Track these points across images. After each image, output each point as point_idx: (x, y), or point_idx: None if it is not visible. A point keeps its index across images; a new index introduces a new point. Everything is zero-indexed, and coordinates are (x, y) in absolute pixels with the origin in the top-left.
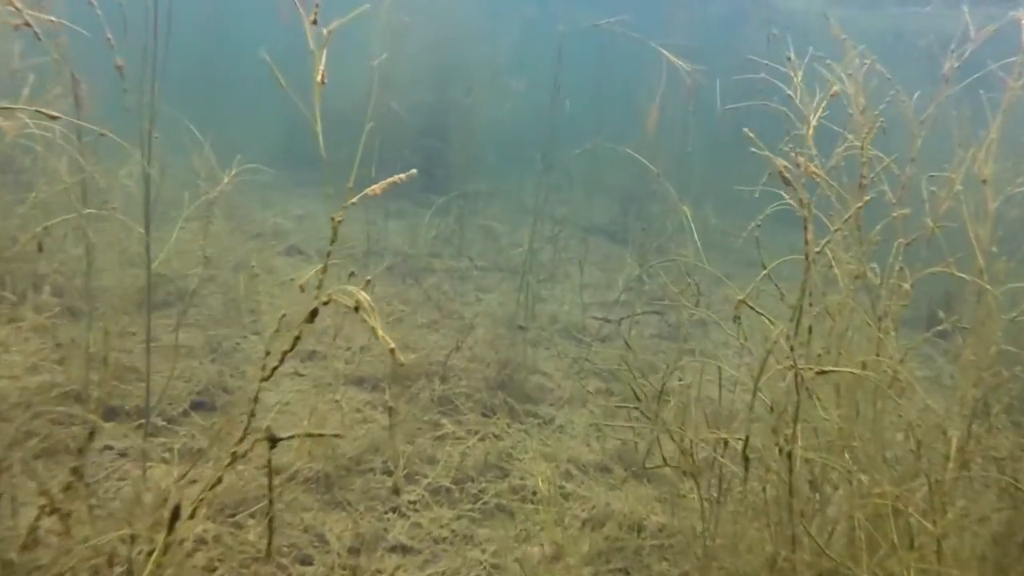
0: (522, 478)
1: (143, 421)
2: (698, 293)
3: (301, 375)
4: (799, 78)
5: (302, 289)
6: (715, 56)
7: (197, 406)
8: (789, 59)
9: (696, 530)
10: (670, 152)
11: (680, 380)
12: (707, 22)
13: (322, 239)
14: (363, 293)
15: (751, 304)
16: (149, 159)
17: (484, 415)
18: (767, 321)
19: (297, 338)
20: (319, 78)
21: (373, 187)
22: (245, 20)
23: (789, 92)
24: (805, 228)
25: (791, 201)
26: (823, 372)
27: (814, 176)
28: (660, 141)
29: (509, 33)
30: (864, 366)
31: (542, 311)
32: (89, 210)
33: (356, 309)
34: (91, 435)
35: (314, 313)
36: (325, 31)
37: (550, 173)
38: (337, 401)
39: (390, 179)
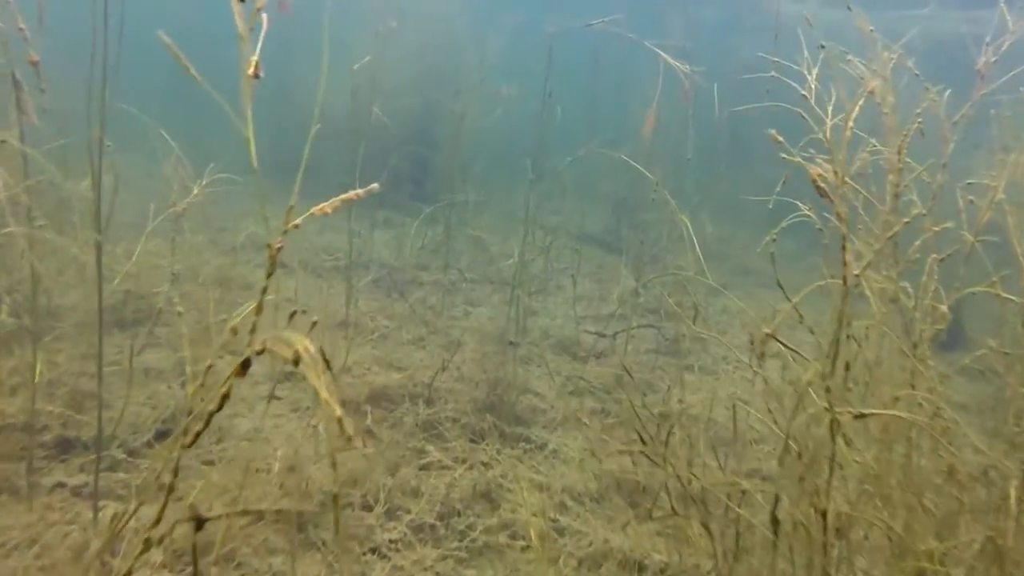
0: (513, 511)
1: (98, 455)
2: (696, 306)
3: (278, 398)
4: (814, 76)
5: (234, 332)
6: (709, 60)
7: (162, 435)
8: (805, 57)
9: (703, 570)
10: (666, 158)
11: (680, 401)
12: (700, 26)
13: (306, 251)
14: (305, 341)
15: (779, 339)
16: (100, 168)
17: (472, 441)
18: (794, 355)
19: (226, 396)
20: (251, 70)
21: (323, 205)
22: (225, 21)
23: (803, 92)
24: (843, 248)
25: (807, 212)
26: (862, 416)
27: (843, 186)
28: (656, 147)
29: (498, 38)
30: (898, 399)
31: (533, 325)
32: (41, 223)
33: (296, 363)
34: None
35: (245, 365)
36: (264, 16)
37: (541, 181)
38: (315, 427)
39: (345, 195)
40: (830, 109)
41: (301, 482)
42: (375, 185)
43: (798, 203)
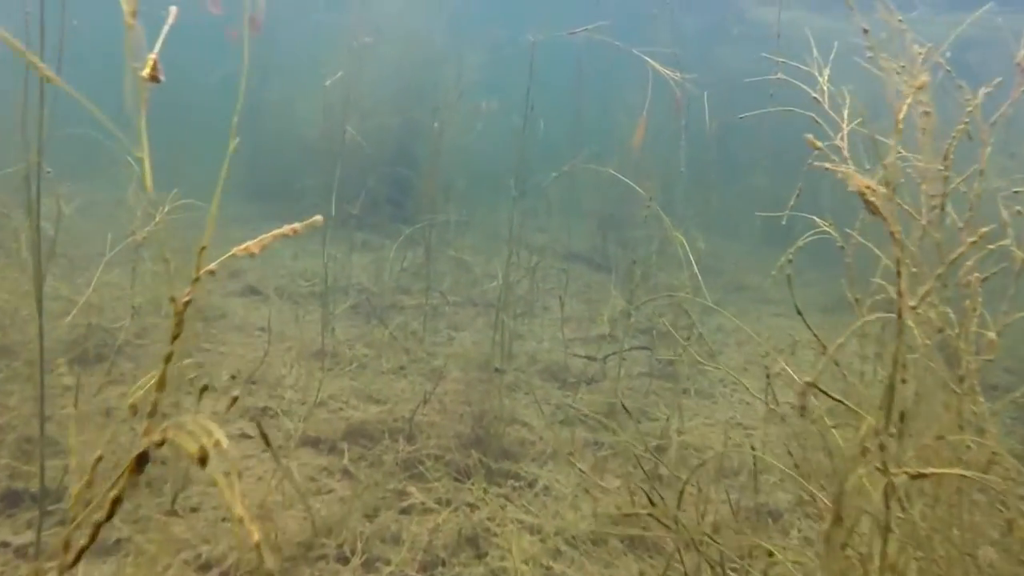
0: (502, 558)
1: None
2: (690, 325)
3: (249, 436)
4: (825, 77)
5: (133, 411)
6: (694, 70)
7: None
8: (814, 58)
9: None
10: (655, 171)
11: (680, 433)
12: (683, 36)
13: (281, 277)
14: (218, 433)
15: (823, 389)
16: (39, 193)
17: (457, 479)
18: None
19: (117, 501)
20: (146, 71)
21: (249, 244)
22: (197, 44)
23: (814, 95)
24: (898, 274)
25: (827, 227)
26: (921, 476)
27: (891, 199)
28: (644, 159)
29: (478, 54)
30: (942, 439)
31: (520, 350)
32: None
33: (202, 463)
34: None
35: (142, 459)
36: (173, 9)
37: (525, 198)
38: (287, 470)
39: (278, 230)
40: (846, 113)
41: (271, 532)
42: (318, 218)
43: (817, 219)
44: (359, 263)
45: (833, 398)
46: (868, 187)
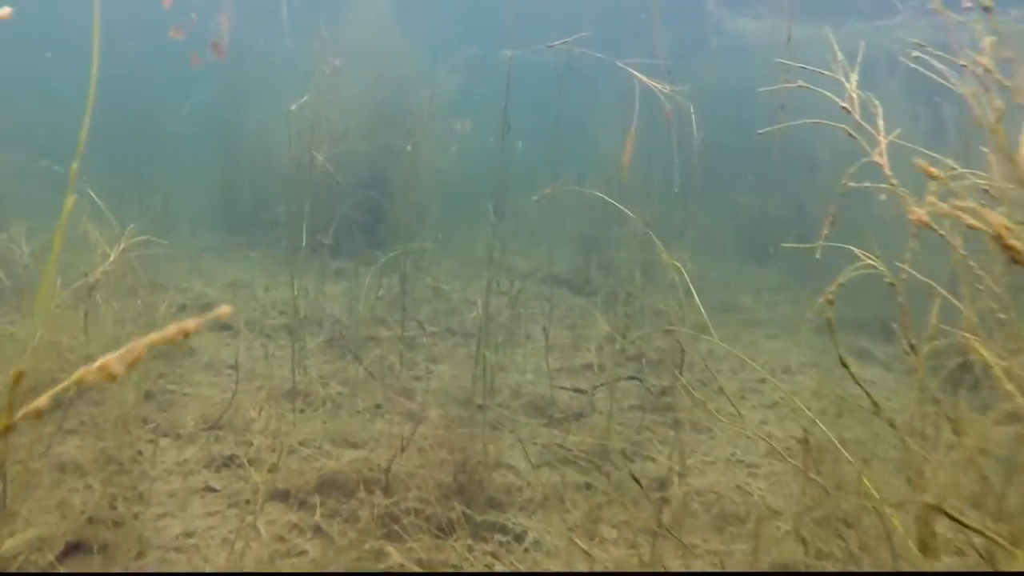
0: None
1: None
2: (680, 351)
3: (214, 490)
4: (853, 84)
5: None
6: (670, 82)
7: (73, 550)
8: (838, 61)
9: None
10: (638, 189)
11: (681, 475)
12: (657, 50)
13: (253, 310)
14: None
15: (955, 516)
16: None
17: (439, 536)
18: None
19: None
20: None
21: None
22: (166, 72)
23: (843, 105)
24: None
25: (873, 262)
26: None
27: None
28: (628, 177)
29: (452, 74)
30: None
31: (502, 383)
32: None
33: None
34: None
35: None
36: None
37: (503, 222)
38: (255, 527)
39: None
40: (881, 125)
41: None
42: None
43: (865, 254)
44: (333, 292)
45: (970, 526)
46: (1005, 227)
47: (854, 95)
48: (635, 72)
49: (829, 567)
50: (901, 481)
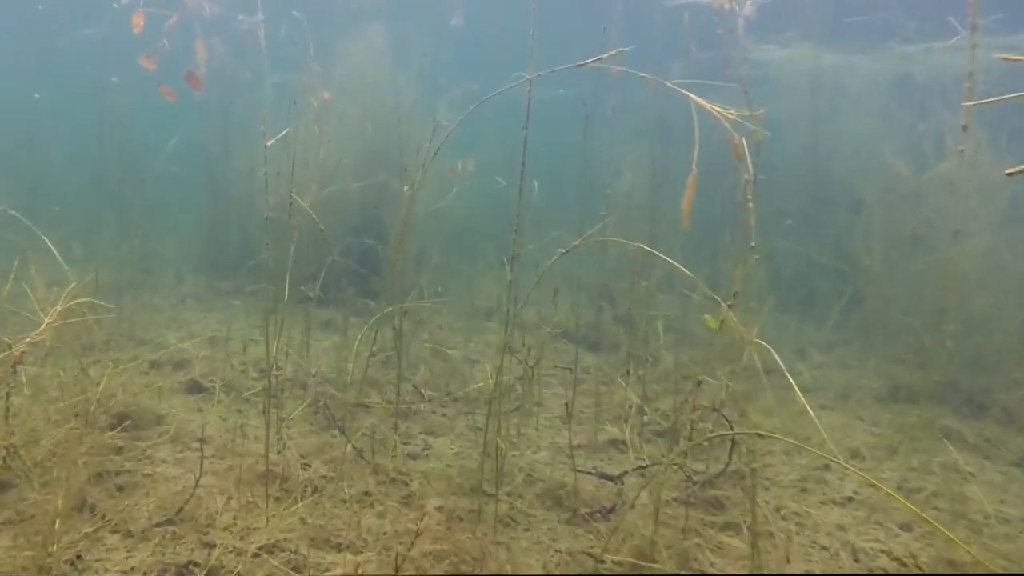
0: None
1: None
2: (715, 422)
3: None
4: None
5: None
6: (681, 117)
7: None
8: None
9: None
10: (662, 231)
11: None
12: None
13: (232, 368)
14: None
15: None
16: None
17: None
18: None
19: None
20: None
21: None
22: (151, 109)
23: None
24: None
25: None
26: None
27: None
28: (640, 217)
29: (451, 110)
30: None
31: (513, 463)
32: None
33: None
34: None
35: None
36: None
37: (505, 268)
38: None
39: None
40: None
41: None
42: None
43: None
44: (320, 348)
45: None
46: None
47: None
48: (695, 97)
49: None
50: None
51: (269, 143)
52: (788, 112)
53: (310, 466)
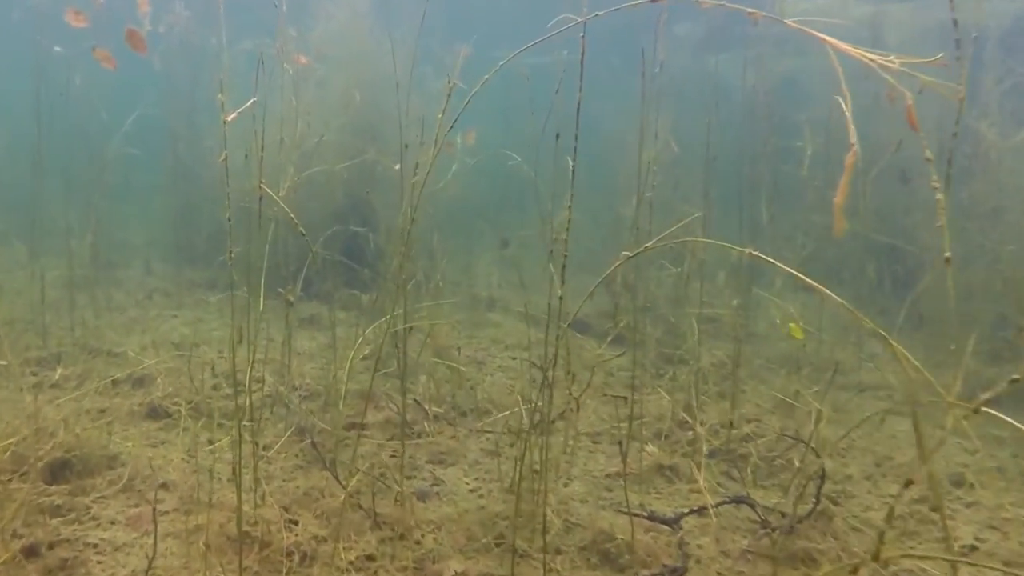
0: None
1: None
2: (809, 448)
3: None
4: None
5: None
6: (694, 81)
7: None
8: None
9: None
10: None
11: None
12: (676, 44)
13: (205, 384)
14: None
15: None
16: None
17: None
18: None
19: None
20: None
21: None
22: (103, 83)
23: None
24: None
25: None
26: None
27: None
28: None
29: (441, 76)
30: None
31: (542, 500)
32: None
33: None
34: None
35: None
36: None
37: (508, 248)
38: None
39: None
40: None
41: None
42: None
43: None
44: (305, 350)
45: None
46: None
47: None
48: (834, 42)
49: None
50: None
51: (230, 118)
52: (815, 72)
53: (296, 523)
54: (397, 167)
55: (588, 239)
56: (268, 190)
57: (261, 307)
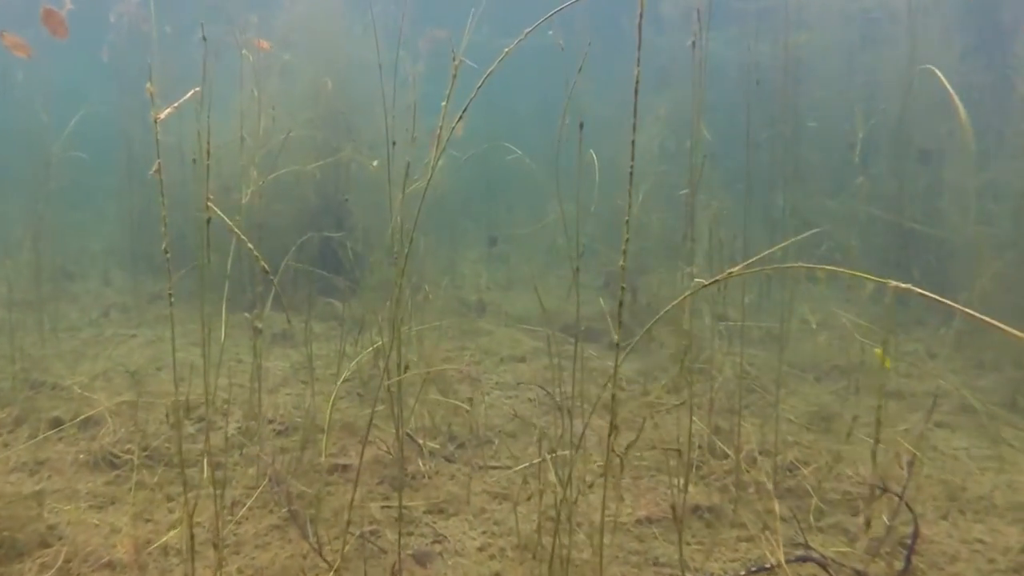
0: None
1: None
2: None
3: None
4: None
5: None
6: (680, 58)
7: None
8: None
9: None
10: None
11: None
12: (659, 21)
13: (160, 422)
14: None
15: None
16: None
17: None
18: None
19: None
20: None
21: None
22: (41, 78)
23: None
24: None
25: None
26: None
27: None
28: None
29: (417, 64)
30: None
31: (559, 553)
32: None
33: None
34: None
35: None
36: None
37: (495, 247)
38: None
39: None
40: None
41: None
42: None
43: None
44: (278, 369)
45: None
46: None
47: None
48: None
49: None
50: None
51: (163, 115)
52: (820, 46)
53: None
54: (376, 163)
55: (584, 233)
56: (217, 210)
57: (223, 335)
